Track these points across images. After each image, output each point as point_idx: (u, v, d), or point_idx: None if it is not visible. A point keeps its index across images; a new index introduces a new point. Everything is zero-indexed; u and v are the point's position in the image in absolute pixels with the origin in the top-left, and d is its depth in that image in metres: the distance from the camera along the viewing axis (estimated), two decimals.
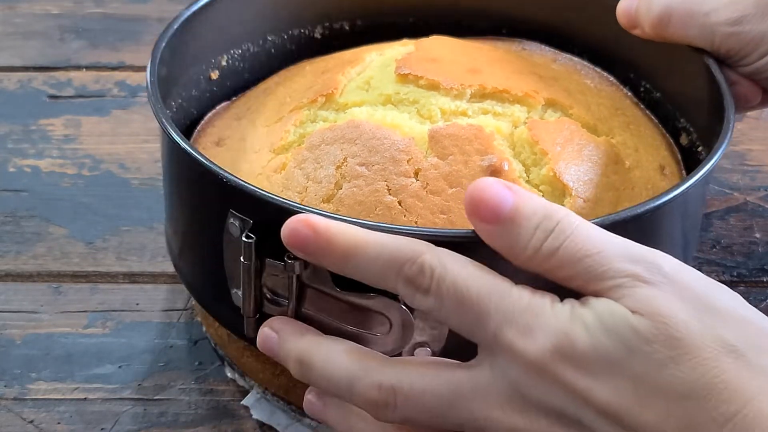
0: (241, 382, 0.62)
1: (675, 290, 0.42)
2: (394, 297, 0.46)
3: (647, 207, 0.49)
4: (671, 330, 0.41)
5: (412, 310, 0.46)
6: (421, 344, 0.47)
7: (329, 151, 0.58)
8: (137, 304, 0.67)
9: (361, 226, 0.45)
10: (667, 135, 0.65)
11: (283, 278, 0.47)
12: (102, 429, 0.60)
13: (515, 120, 0.59)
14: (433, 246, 0.44)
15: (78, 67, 0.84)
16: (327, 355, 0.46)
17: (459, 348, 0.45)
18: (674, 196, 0.50)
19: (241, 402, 0.61)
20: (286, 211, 0.46)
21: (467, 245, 0.45)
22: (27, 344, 0.64)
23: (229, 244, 0.50)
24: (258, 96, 0.67)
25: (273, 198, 0.47)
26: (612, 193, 0.58)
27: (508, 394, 0.43)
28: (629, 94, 0.67)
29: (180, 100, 0.64)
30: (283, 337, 0.47)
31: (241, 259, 0.48)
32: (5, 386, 0.62)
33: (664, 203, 0.49)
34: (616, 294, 0.42)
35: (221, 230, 0.49)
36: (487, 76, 0.61)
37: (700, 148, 0.62)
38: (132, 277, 0.68)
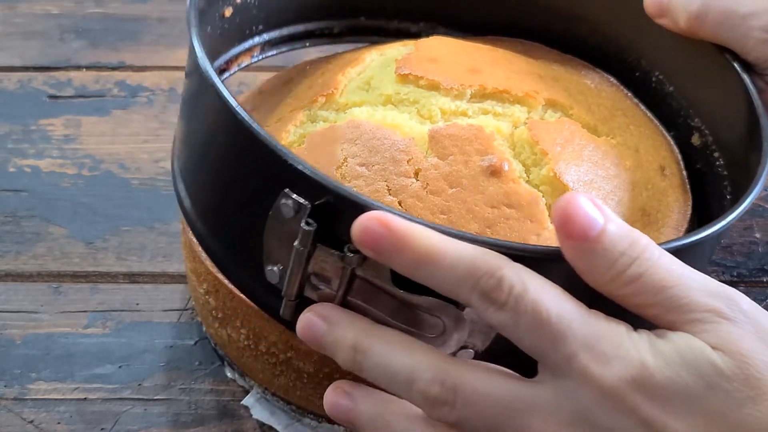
0: (241, 382, 0.62)
1: (755, 329, 0.42)
2: (452, 300, 0.45)
3: (710, 231, 0.48)
4: (752, 369, 0.41)
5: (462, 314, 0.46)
6: (464, 346, 0.46)
7: (329, 152, 0.58)
8: (137, 304, 0.67)
9: (436, 230, 0.43)
10: (668, 136, 0.65)
11: (336, 267, 0.46)
12: (102, 429, 0.60)
13: (515, 120, 0.59)
14: (510, 260, 0.43)
15: (78, 67, 0.84)
16: (387, 345, 0.45)
17: (500, 353, 0.45)
18: (729, 221, 0.49)
19: (241, 402, 0.61)
20: (355, 205, 0.44)
21: (542, 262, 0.44)
22: (27, 344, 0.64)
23: (275, 223, 0.47)
24: (257, 96, 0.67)
25: (342, 189, 0.45)
26: (613, 194, 0.58)
27: (571, 417, 0.42)
28: (629, 94, 0.67)
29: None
30: (333, 323, 0.46)
31: (295, 244, 0.46)
32: (5, 386, 0.62)
33: (720, 229, 0.49)
34: (696, 328, 0.42)
35: (267, 206, 0.47)
36: (487, 76, 0.61)
37: (716, 154, 0.62)
38: (132, 277, 0.68)
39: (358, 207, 0.44)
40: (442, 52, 0.63)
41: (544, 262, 0.44)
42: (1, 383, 0.62)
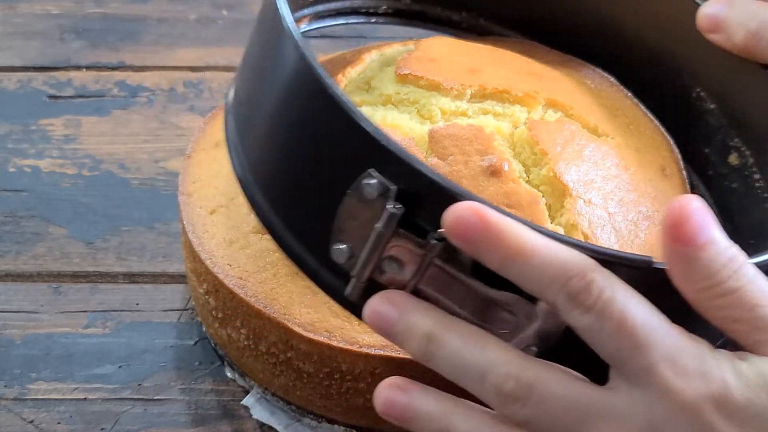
0: (241, 382, 0.62)
1: None
2: (530, 298, 0.44)
3: None
4: None
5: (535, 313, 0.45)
6: (528, 345, 0.46)
7: None
8: (137, 304, 0.67)
9: (529, 227, 0.43)
10: (668, 136, 0.65)
11: (415, 254, 0.45)
12: (102, 429, 0.60)
13: (515, 120, 0.59)
14: (600, 265, 0.43)
15: (78, 67, 0.84)
16: (462, 337, 0.44)
17: (562, 356, 0.45)
18: None
19: (241, 402, 0.61)
20: (448, 193, 0.43)
21: (629, 270, 0.44)
22: (27, 344, 0.64)
23: (354, 201, 0.46)
24: None
25: (437, 176, 0.44)
26: (613, 194, 0.58)
27: (643, 427, 0.42)
28: (629, 94, 0.67)
29: None
30: (406, 311, 0.45)
31: (377, 226, 0.45)
32: (5, 386, 0.62)
33: None
34: None
35: (347, 183, 0.46)
36: (487, 76, 0.61)
37: (757, 176, 0.61)
38: (132, 277, 0.68)
39: (451, 196, 0.43)
40: (442, 52, 0.63)
41: (632, 270, 0.44)
42: (1, 383, 0.62)
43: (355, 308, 0.47)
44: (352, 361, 0.56)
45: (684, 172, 0.63)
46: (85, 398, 0.62)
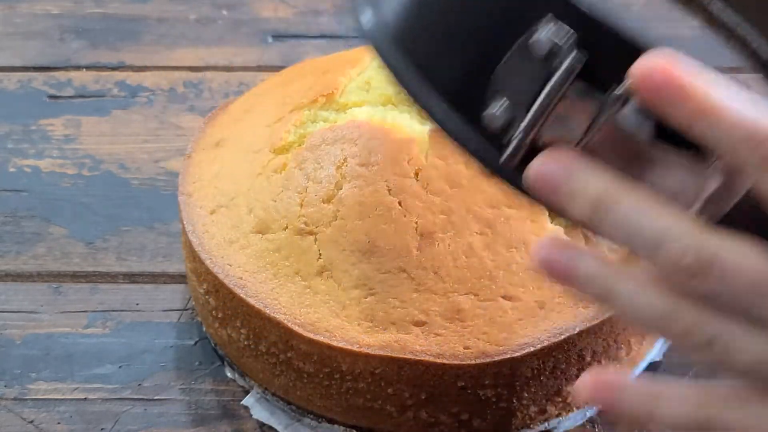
0: (241, 382, 0.62)
1: None
2: (711, 162, 0.41)
3: None
4: None
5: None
6: (707, 212, 0.42)
7: (329, 152, 0.58)
8: (137, 304, 0.66)
9: (722, 84, 0.40)
10: None
11: (589, 110, 0.41)
12: (102, 429, 0.60)
13: None
14: None
15: (78, 67, 0.84)
16: (637, 201, 0.41)
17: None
18: None
19: (241, 402, 0.61)
20: (637, 43, 0.40)
21: None
22: (27, 344, 0.64)
23: (520, 53, 0.42)
24: (258, 96, 0.67)
25: (626, 26, 0.40)
26: None
27: None
28: None
29: None
30: (575, 172, 0.42)
31: (554, 79, 0.41)
32: (5, 386, 0.62)
33: None
34: None
35: (514, 33, 0.42)
36: None
37: None
38: (132, 277, 0.68)
39: (639, 47, 0.40)
40: None
41: None
42: (1, 383, 0.62)
43: (512, 177, 0.43)
44: (352, 361, 0.56)
45: None
46: (85, 398, 0.62)
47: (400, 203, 0.56)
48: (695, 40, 0.88)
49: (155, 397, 0.62)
